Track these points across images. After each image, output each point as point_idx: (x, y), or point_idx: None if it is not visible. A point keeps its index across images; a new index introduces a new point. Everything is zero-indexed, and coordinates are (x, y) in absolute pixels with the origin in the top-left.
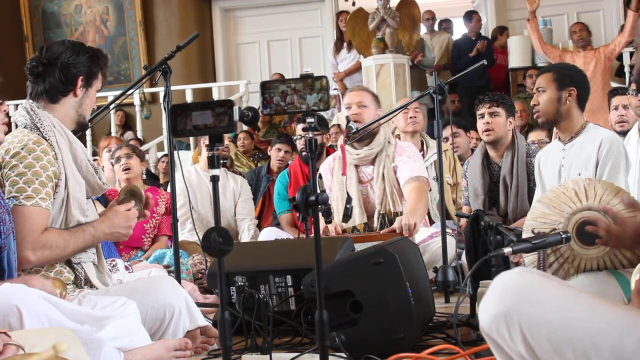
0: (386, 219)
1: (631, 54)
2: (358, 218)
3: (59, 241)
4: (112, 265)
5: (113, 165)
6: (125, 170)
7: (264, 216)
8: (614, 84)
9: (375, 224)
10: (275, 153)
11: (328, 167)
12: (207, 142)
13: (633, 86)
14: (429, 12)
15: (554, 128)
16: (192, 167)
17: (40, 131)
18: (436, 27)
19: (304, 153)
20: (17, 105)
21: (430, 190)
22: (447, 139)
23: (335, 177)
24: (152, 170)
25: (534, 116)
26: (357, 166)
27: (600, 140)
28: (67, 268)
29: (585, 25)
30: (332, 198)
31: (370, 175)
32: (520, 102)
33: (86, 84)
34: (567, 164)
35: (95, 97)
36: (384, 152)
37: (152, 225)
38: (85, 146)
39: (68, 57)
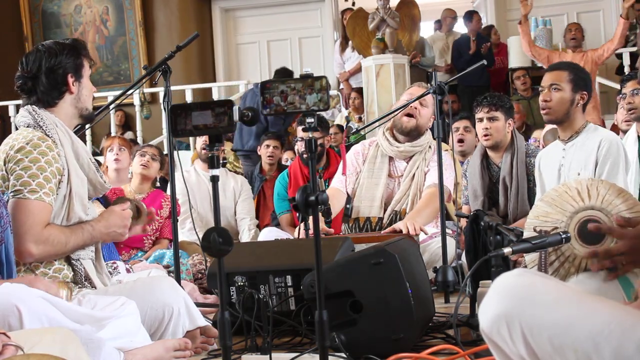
0: (398, 217)
1: (631, 54)
2: (375, 211)
3: (61, 237)
4: (113, 267)
5: (134, 157)
6: (144, 166)
7: (260, 216)
8: (604, 82)
9: (386, 219)
10: (264, 150)
11: (361, 150)
12: (207, 142)
13: (629, 87)
14: (451, 10)
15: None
16: (191, 167)
17: (43, 129)
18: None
19: (305, 155)
20: (17, 106)
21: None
22: (457, 129)
23: (367, 164)
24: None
25: (543, 112)
26: (390, 159)
27: (599, 140)
28: (66, 265)
29: (580, 27)
30: (355, 183)
31: (401, 172)
32: (515, 104)
33: (77, 77)
34: (566, 164)
35: (90, 83)
36: (422, 154)
37: (154, 228)
38: (85, 145)
39: (49, 62)
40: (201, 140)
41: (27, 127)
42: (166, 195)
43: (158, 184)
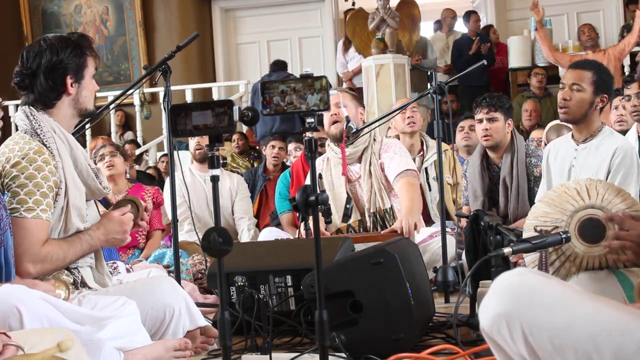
0: (377, 217)
1: (631, 54)
2: (352, 216)
3: (59, 253)
4: (113, 267)
5: (96, 164)
6: (109, 167)
7: (262, 216)
8: None
9: (368, 223)
10: (270, 151)
11: (317, 169)
12: (207, 143)
13: (633, 89)
14: (450, 10)
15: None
16: (186, 168)
17: (40, 137)
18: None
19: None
20: (17, 106)
21: (430, 189)
22: (462, 128)
23: (324, 178)
24: (150, 171)
25: (560, 111)
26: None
27: (614, 149)
28: (65, 271)
29: (592, 26)
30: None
31: (358, 174)
32: (532, 102)
33: (77, 78)
34: (578, 165)
35: (92, 83)
36: (369, 149)
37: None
38: (85, 147)
39: (49, 60)
40: (194, 141)
41: (25, 133)
42: (146, 187)
43: (128, 176)
